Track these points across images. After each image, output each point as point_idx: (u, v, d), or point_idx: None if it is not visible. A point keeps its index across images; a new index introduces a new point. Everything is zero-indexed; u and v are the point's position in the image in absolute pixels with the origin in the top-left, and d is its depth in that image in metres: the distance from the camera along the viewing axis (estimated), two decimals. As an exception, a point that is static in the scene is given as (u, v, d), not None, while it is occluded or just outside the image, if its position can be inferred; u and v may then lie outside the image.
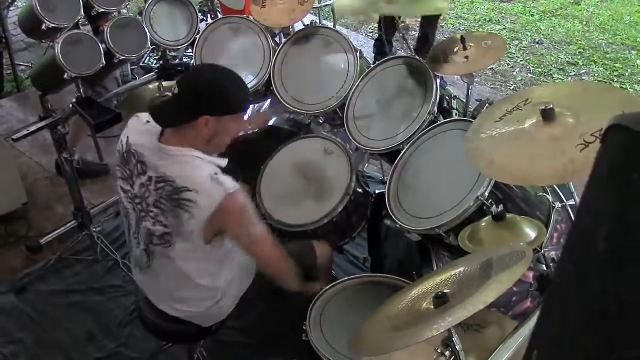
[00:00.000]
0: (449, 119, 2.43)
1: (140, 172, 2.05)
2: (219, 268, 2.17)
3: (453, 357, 1.41)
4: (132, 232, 2.18)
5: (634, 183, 0.59)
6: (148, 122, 2.08)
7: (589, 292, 0.62)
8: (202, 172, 1.97)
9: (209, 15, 3.85)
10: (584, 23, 6.11)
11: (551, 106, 1.69)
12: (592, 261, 0.62)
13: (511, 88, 5.02)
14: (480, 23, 6.12)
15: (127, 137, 2.11)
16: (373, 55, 4.79)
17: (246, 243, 2.11)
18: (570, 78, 5.18)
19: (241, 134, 2.21)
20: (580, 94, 1.82)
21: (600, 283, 0.60)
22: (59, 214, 3.61)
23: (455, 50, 2.49)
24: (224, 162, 2.13)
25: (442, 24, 6.04)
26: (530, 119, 1.74)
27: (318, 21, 3.26)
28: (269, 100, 3.30)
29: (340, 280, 2.38)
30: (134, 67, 4.46)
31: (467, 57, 2.45)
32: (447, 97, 2.67)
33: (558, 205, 2.26)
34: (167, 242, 2.07)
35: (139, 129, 2.09)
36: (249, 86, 3.03)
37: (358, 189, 2.66)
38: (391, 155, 2.57)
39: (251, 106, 3.11)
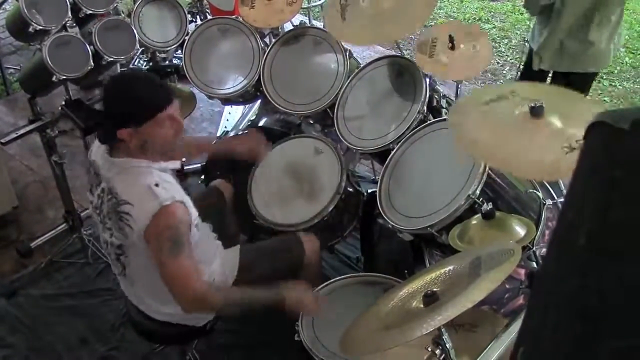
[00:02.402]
0: (438, 118, 2.44)
1: (97, 183, 2.06)
2: None
3: (443, 355, 1.41)
4: (101, 241, 2.19)
5: (615, 179, 0.59)
6: None
7: (570, 287, 0.62)
8: (141, 183, 1.93)
9: (198, 16, 3.83)
10: (573, 21, 6.13)
11: (541, 103, 1.70)
12: (573, 257, 0.63)
13: (501, 86, 5.04)
14: (469, 22, 6.13)
15: (92, 148, 2.12)
16: None
17: (157, 263, 1.95)
18: (559, 75, 5.18)
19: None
20: (568, 99, 1.83)
21: (580, 278, 0.61)
22: (50, 217, 3.59)
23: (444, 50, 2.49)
24: (175, 164, 2.11)
25: (432, 23, 6.05)
26: (517, 110, 1.75)
27: (307, 21, 3.26)
28: (259, 101, 3.30)
29: (333, 279, 2.38)
30: (123, 69, 4.44)
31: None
32: (436, 96, 2.67)
33: (549, 202, 2.26)
34: (123, 252, 2.06)
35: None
36: (239, 87, 3.05)
37: (349, 188, 2.67)
38: (382, 155, 2.57)
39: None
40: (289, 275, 2.44)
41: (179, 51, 3.38)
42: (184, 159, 3.72)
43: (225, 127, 3.75)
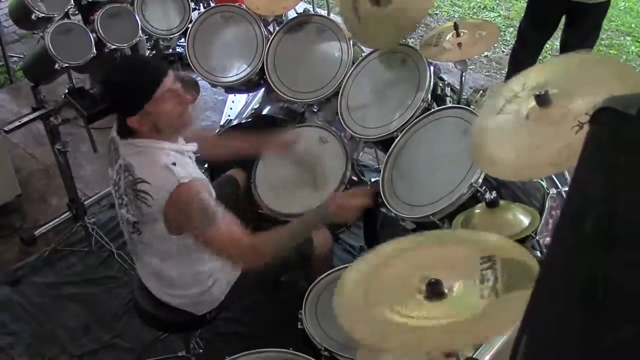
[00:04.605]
0: (442, 106, 2.42)
1: (115, 159, 2.08)
2: (201, 255, 2.14)
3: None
4: (118, 218, 2.20)
5: (621, 165, 0.58)
6: None
7: (576, 274, 0.61)
8: (157, 162, 1.95)
9: (201, 4, 3.81)
10: (579, 9, 6.08)
11: (544, 91, 1.68)
12: (579, 243, 0.62)
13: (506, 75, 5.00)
14: (474, 10, 6.09)
15: (115, 126, 2.13)
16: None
17: (198, 238, 2.00)
18: (565, 64, 5.15)
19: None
20: (574, 69, 1.79)
21: (586, 265, 0.60)
22: (53, 206, 3.60)
23: (448, 37, 2.48)
24: (192, 146, 2.12)
25: (437, 12, 6.02)
26: (528, 105, 1.73)
27: (311, 9, 3.24)
28: (263, 89, 3.29)
29: (336, 268, 2.38)
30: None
31: (459, 44, 2.43)
32: (440, 84, 2.65)
33: (553, 191, 2.25)
34: (138, 230, 2.08)
35: None
36: (242, 75, 3.04)
37: (353, 177, 2.66)
38: (385, 143, 2.56)
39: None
40: (297, 266, 2.44)
41: (182, 39, 3.37)
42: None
43: (229, 115, 3.73)
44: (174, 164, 1.95)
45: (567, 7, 3.61)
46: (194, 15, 3.34)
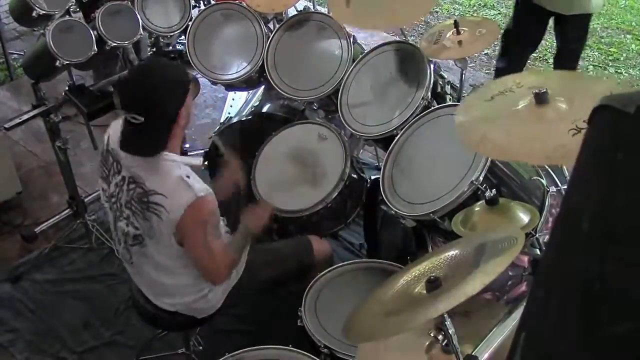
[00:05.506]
0: (442, 104, 2.43)
1: (115, 172, 2.05)
2: None
3: (446, 340, 1.41)
4: (112, 229, 2.20)
5: (619, 163, 0.59)
6: None
7: (573, 272, 0.62)
8: (172, 175, 1.95)
9: (201, 2, 3.80)
10: (579, 7, 6.06)
11: (545, 90, 1.69)
12: (576, 241, 0.62)
13: (506, 73, 5.00)
14: (475, 8, 6.09)
15: (109, 135, 2.10)
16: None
17: (199, 250, 2.04)
18: (565, 62, 5.14)
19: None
20: (572, 82, 1.81)
21: (583, 263, 0.61)
22: (54, 203, 3.60)
23: (448, 35, 2.48)
24: (198, 160, 2.15)
25: (437, 9, 6.01)
26: (522, 101, 1.74)
27: (311, 7, 3.24)
28: (263, 87, 3.29)
29: (336, 265, 2.39)
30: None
31: (460, 42, 2.43)
32: (440, 82, 2.66)
33: (552, 189, 2.26)
34: (140, 242, 2.08)
35: (119, 129, 2.05)
36: (242, 73, 3.05)
37: (353, 175, 2.67)
38: (385, 141, 2.57)
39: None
40: (297, 276, 2.43)
41: (183, 37, 3.36)
42: (187, 145, 3.75)
43: (229, 113, 3.73)
44: (188, 176, 1.96)
45: (549, 15, 3.61)
46: (194, 12, 3.34)
